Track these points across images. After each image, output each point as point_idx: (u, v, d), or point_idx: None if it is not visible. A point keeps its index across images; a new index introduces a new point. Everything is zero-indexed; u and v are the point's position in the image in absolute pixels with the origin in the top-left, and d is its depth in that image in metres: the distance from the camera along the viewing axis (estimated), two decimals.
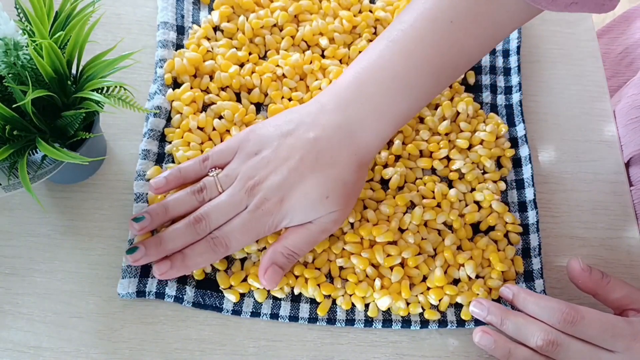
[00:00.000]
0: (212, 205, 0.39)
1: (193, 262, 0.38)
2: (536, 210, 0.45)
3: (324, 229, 0.39)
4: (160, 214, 0.39)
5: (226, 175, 0.39)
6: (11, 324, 0.39)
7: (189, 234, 0.38)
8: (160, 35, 0.48)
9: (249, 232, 0.38)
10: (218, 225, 0.38)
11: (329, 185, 0.38)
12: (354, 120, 0.39)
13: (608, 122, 0.51)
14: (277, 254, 0.39)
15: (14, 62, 0.33)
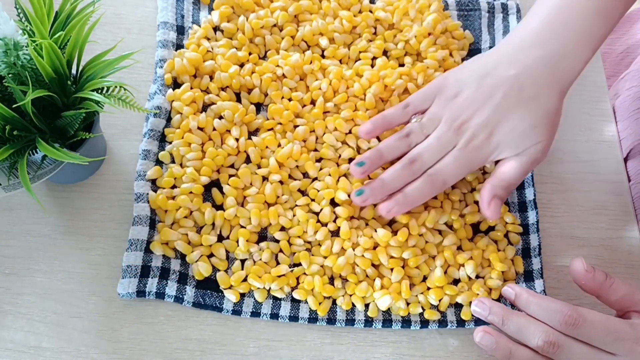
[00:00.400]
0: (423, 146, 0.42)
1: (413, 198, 0.41)
2: (536, 210, 0.45)
3: (533, 159, 0.41)
4: (376, 159, 0.43)
5: (429, 119, 0.43)
6: (11, 324, 0.39)
7: (406, 174, 0.42)
8: (160, 35, 0.48)
9: (462, 167, 0.41)
10: (431, 164, 0.42)
11: (535, 117, 0.41)
12: (555, 52, 0.41)
13: (608, 122, 0.51)
14: (496, 187, 0.41)
15: (14, 62, 0.33)
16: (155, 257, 0.41)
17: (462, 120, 0.41)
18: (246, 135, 0.45)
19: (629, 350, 0.35)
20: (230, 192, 0.43)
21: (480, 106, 0.41)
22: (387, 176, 0.42)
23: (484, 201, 0.41)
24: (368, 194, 0.41)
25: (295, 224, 0.43)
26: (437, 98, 0.43)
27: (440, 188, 0.42)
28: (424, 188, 0.41)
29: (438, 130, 0.42)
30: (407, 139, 0.43)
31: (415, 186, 0.41)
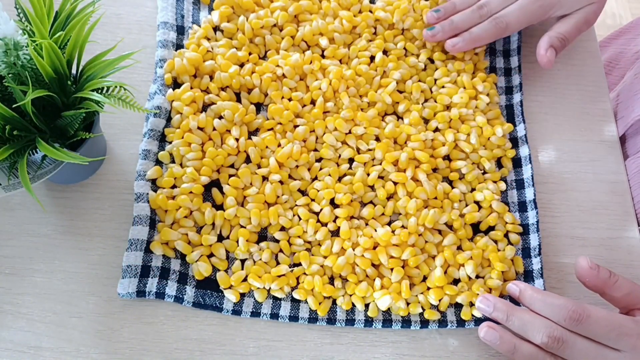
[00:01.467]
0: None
1: (478, 36, 0.48)
2: (536, 210, 0.45)
3: (587, 19, 0.48)
4: (450, 8, 0.50)
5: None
6: (11, 324, 0.39)
7: (474, 17, 0.49)
8: (160, 35, 0.48)
9: (525, 14, 0.48)
10: (498, 9, 0.48)
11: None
12: None
13: (608, 122, 0.51)
14: (553, 38, 0.48)
15: (14, 62, 0.33)
16: (155, 257, 0.41)
17: None
18: (246, 135, 0.45)
19: (633, 345, 0.35)
20: (230, 192, 0.43)
21: None
22: (457, 17, 0.49)
23: (542, 47, 0.47)
24: (438, 29, 0.48)
25: (295, 224, 0.43)
26: None
27: (504, 31, 0.48)
28: (489, 29, 0.48)
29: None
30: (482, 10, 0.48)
31: (481, 26, 0.48)
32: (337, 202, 0.44)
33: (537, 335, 0.37)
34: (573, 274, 0.42)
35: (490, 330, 0.38)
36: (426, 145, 0.46)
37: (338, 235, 0.43)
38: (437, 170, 0.46)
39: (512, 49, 0.52)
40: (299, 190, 0.45)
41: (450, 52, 0.49)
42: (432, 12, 0.49)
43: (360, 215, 0.44)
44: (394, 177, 0.44)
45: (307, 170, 0.45)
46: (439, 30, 0.48)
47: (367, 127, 0.46)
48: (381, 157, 0.45)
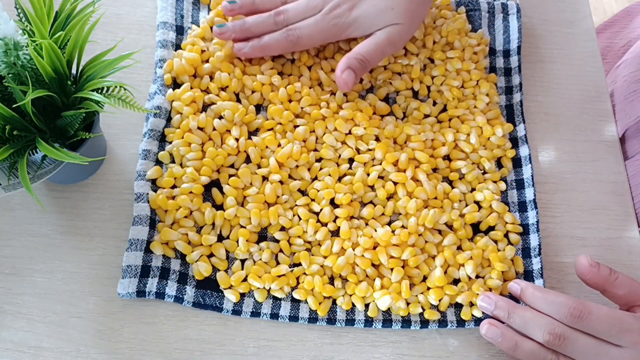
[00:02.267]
0: (292, 4, 0.46)
1: (266, 45, 0.45)
2: (536, 210, 0.45)
3: (390, 40, 0.45)
4: (248, 4, 0.47)
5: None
6: (11, 324, 0.39)
7: (268, 23, 0.46)
8: (160, 35, 0.48)
9: (320, 31, 0.45)
10: (294, 21, 0.46)
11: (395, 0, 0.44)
12: None
13: (608, 122, 0.51)
14: (352, 59, 0.44)
15: (14, 62, 0.33)
16: (155, 257, 0.41)
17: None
18: (246, 135, 0.45)
19: (635, 341, 0.35)
20: (230, 192, 0.43)
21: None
22: (250, 19, 0.46)
23: (339, 68, 0.44)
24: (228, 28, 0.45)
25: (295, 224, 0.43)
26: None
27: (294, 44, 0.45)
28: (279, 40, 0.45)
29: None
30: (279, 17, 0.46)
31: (273, 36, 0.45)
32: (337, 202, 0.44)
33: (539, 332, 0.37)
34: (573, 274, 0.42)
35: (492, 327, 0.38)
36: (426, 145, 0.46)
37: (338, 235, 0.43)
38: (437, 170, 0.46)
39: (512, 49, 0.52)
40: (299, 190, 0.45)
41: (235, 54, 0.46)
42: (227, 2, 0.46)
43: (360, 215, 0.44)
44: (394, 177, 0.44)
45: (307, 170, 0.45)
46: (228, 28, 0.45)
47: (367, 127, 0.46)
48: (381, 157, 0.45)
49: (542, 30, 0.54)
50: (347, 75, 0.44)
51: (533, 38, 0.54)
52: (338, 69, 0.44)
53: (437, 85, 0.49)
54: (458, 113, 0.48)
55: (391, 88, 0.49)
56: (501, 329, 0.38)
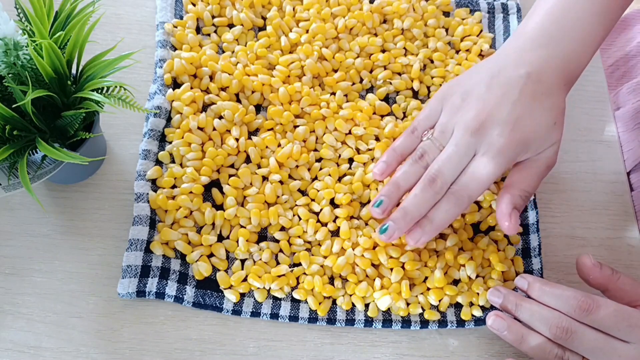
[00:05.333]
0: (441, 160, 0.38)
1: (440, 222, 0.38)
2: (536, 210, 0.45)
3: (549, 164, 0.40)
4: (394, 191, 0.39)
5: (441, 131, 0.40)
6: (11, 324, 0.39)
7: (429, 197, 0.38)
8: (160, 35, 0.48)
9: (489, 174, 0.37)
10: (454, 178, 0.38)
11: (553, 112, 0.39)
12: (561, 53, 0.41)
13: (608, 122, 0.51)
14: (516, 197, 0.38)
15: (14, 62, 0.33)
16: (155, 257, 0.41)
17: (479, 120, 0.38)
18: (246, 135, 0.45)
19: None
20: (230, 192, 0.43)
21: (497, 104, 0.38)
22: (408, 204, 0.38)
23: (504, 214, 0.38)
24: (393, 229, 0.38)
25: (295, 224, 0.43)
26: (443, 109, 0.41)
27: (468, 204, 0.38)
28: (450, 209, 0.38)
29: (454, 138, 0.38)
30: (422, 161, 0.39)
31: (441, 209, 0.38)
32: (337, 202, 0.44)
33: (546, 326, 0.36)
34: (573, 274, 0.42)
35: (499, 319, 0.38)
36: None
37: (338, 235, 0.43)
38: None
39: None
40: (299, 190, 0.45)
41: (413, 246, 0.39)
42: (374, 206, 0.39)
43: (360, 215, 0.44)
44: None
45: (307, 170, 0.45)
46: (394, 229, 0.38)
47: (367, 127, 0.46)
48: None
49: None
50: (514, 219, 0.38)
51: None
52: (502, 212, 0.38)
53: (437, 85, 0.49)
54: None
55: (391, 88, 0.49)
56: (508, 321, 0.38)
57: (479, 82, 0.40)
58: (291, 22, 0.50)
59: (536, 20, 0.42)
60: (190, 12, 0.49)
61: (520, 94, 0.38)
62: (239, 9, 0.50)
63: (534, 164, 0.39)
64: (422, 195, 0.38)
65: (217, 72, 0.47)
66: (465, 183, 0.38)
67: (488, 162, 0.37)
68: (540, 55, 0.40)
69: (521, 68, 0.40)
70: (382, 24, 0.51)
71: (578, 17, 0.41)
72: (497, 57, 0.42)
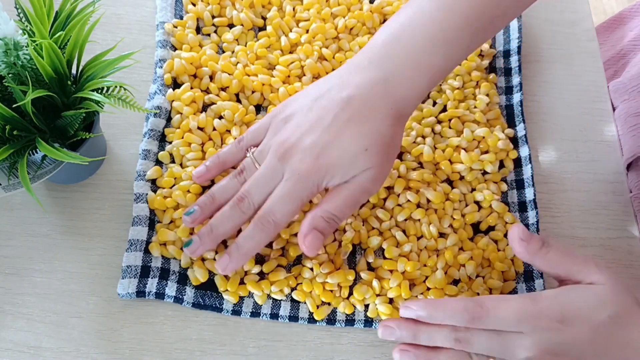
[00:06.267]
0: (250, 181, 0.39)
1: (248, 248, 0.38)
2: (536, 210, 0.45)
3: (363, 189, 0.38)
4: (208, 203, 0.40)
5: (260, 151, 0.40)
6: (11, 324, 0.39)
7: (235, 216, 0.38)
8: (160, 35, 0.48)
9: (292, 200, 0.38)
10: (261, 200, 0.38)
11: (367, 138, 0.38)
12: (390, 75, 0.39)
13: (608, 122, 0.51)
14: (318, 218, 0.38)
15: (14, 62, 0.33)
16: (154, 257, 0.41)
17: (287, 145, 0.38)
18: None
19: (533, 327, 0.35)
20: None
21: (309, 129, 0.38)
22: (215, 220, 0.39)
23: (302, 233, 0.38)
24: (198, 244, 0.39)
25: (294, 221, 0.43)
26: (270, 128, 0.40)
27: (274, 230, 0.38)
28: (255, 235, 0.38)
29: (265, 160, 0.39)
30: (241, 177, 0.40)
31: (247, 235, 0.38)
32: None
33: (446, 342, 0.36)
34: None
35: (404, 352, 0.37)
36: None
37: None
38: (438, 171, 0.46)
39: (512, 49, 0.52)
40: None
41: (222, 273, 0.39)
42: (185, 215, 0.40)
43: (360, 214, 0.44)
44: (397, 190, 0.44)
45: None
46: (198, 244, 0.39)
47: None
48: None
49: (542, 30, 0.54)
50: (312, 238, 0.37)
51: (533, 38, 0.54)
52: (301, 232, 0.38)
53: (437, 86, 0.49)
54: (458, 113, 0.48)
55: None
56: (413, 351, 0.37)
57: (303, 104, 0.40)
58: (291, 22, 0.50)
59: (377, 37, 0.40)
60: (190, 12, 0.49)
61: (333, 119, 0.38)
62: (239, 9, 0.50)
63: (344, 188, 0.38)
64: (230, 213, 0.38)
65: (217, 72, 0.47)
66: (269, 207, 0.38)
67: (289, 188, 0.38)
68: (369, 76, 0.39)
69: (345, 90, 0.39)
70: (382, 24, 0.51)
71: (415, 42, 0.39)
72: (333, 75, 0.41)
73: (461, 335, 0.36)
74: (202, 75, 0.47)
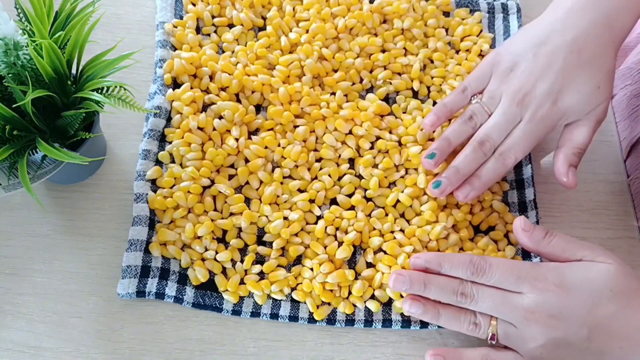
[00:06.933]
0: (489, 125, 0.42)
1: (488, 179, 0.42)
2: (536, 210, 0.45)
3: (599, 120, 0.42)
4: (445, 146, 0.43)
5: (490, 97, 0.43)
6: (11, 324, 0.39)
7: (478, 157, 0.42)
8: (160, 36, 0.48)
9: (531, 139, 0.42)
10: (500, 141, 0.42)
11: (599, 77, 0.42)
12: (608, 12, 0.42)
13: (608, 122, 0.51)
14: (570, 156, 0.42)
15: (14, 62, 0.33)
16: (154, 257, 0.41)
17: (524, 92, 0.42)
18: (246, 135, 0.45)
19: (532, 287, 0.37)
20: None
21: (541, 75, 0.42)
22: (459, 162, 0.42)
23: (561, 172, 0.42)
24: (446, 184, 0.42)
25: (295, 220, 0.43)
26: (493, 75, 0.44)
27: (513, 164, 0.42)
28: (497, 168, 0.42)
29: (501, 106, 0.42)
30: (472, 121, 0.43)
31: (489, 167, 0.42)
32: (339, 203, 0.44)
33: (452, 297, 0.38)
34: None
35: (415, 302, 0.39)
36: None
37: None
38: None
39: None
40: (299, 190, 0.44)
41: (462, 201, 0.43)
42: (427, 158, 0.43)
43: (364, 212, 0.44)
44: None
45: (307, 170, 0.45)
46: (446, 184, 0.42)
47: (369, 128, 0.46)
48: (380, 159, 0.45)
49: None
50: (572, 175, 0.42)
51: None
52: (559, 169, 0.42)
53: (437, 86, 0.49)
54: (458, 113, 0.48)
55: (391, 88, 0.49)
56: (422, 301, 0.39)
57: (526, 50, 0.43)
58: (291, 22, 0.50)
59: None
60: (190, 12, 0.49)
61: (564, 63, 0.41)
62: (239, 9, 0.50)
63: (583, 122, 0.42)
64: (473, 155, 0.42)
65: (217, 72, 0.47)
66: (510, 146, 0.42)
67: (530, 129, 0.42)
68: (587, 17, 0.42)
69: (568, 33, 0.42)
70: (382, 24, 0.51)
71: None
72: (545, 22, 0.44)
73: (465, 290, 0.38)
74: (202, 75, 0.47)
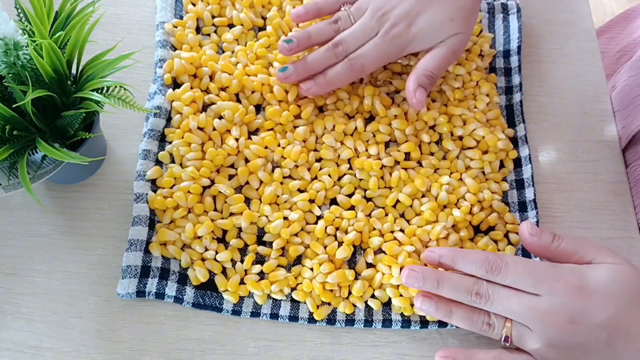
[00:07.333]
0: (347, 32, 0.45)
1: (332, 79, 0.45)
2: (536, 210, 0.45)
3: (453, 50, 0.45)
4: (304, 38, 0.45)
5: (357, 8, 0.46)
6: (11, 324, 0.39)
7: (329, 57, 0.44)
8: (160, 36, 0.48)
9: (381, 53, 0.44)
10: (353, 49, 0.45)
11: (452, 10, 0.44)
12: None
13: (608, 122, 0.51)
14: (420, 77, 0.44)
15: (14, 62, 0.33)
16: (154, 257, 0.41)
17: (384, 10, 0.45)
18: (246, 135, 0.45)
19: (550, 289, 0.36)
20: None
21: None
22: (310, 57, 0.45)
23: (410, 90, 0.44)
24: (291, 71, 0.44)
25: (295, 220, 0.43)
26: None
27: (359, 72, 0.44)
28: (343, 71, 0.44)
29: (363, 18, 0.45)
30: (335, 25, 0.45)
31: (336, 69, 0.44)
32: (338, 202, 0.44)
33: (466, 296, 0.37)
34: None
35: (427, 299, 0.38)
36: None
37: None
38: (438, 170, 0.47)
39: (512, 49, 0.52)
40: (299, 190, 0.44)
41: (304, 94, 0.45)
42: (284, 42, 0.44)
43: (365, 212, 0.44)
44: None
45: (307, 170, 0.45)
46: (292, 71, 0.44)
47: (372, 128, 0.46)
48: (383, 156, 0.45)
49: (542, 30, 0.54)
50: (419, 94, 0.43)
51: (533, 38, 0.54)
52: (408, 88, 0.44)
53: (437, 86, 0.49)
54: (458, 112, 0.48)
55: (391, 88, 0.49)
56: (435, 299, 0.38)
57: None
58: (291, 22, 0.50)
59: None
60: (190, 12, 0.49)
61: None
62: (239, 9, 0.50)
63: (438, 49, 0.45)
64: (325, 54, 0.44)
65: (217, 72, 0.47)
66: (360, 54, 0.44)
67: (381, 43, 0.44)
68: None
69: None
70: None
71: None
72: None
73: (481, 289, 0.37)
74: (202, 75, 0.47)
